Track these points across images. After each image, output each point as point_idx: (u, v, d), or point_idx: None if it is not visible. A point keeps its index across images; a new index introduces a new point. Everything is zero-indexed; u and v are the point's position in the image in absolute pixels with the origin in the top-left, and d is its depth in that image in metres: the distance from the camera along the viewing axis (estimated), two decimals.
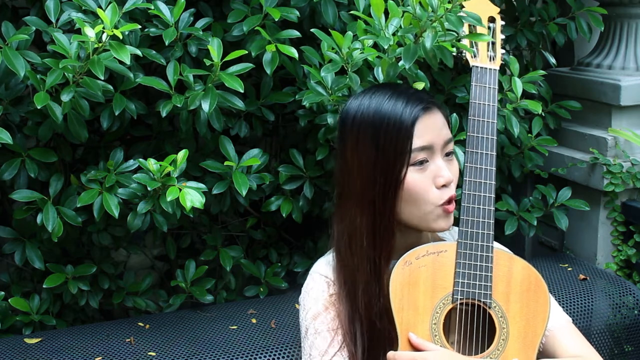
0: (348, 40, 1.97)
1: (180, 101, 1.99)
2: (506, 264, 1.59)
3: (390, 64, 1.94)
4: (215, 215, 2.46)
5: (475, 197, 1.57)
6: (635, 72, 2.81)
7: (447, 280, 1.55)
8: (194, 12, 2.11)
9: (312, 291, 1.67)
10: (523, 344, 1.55)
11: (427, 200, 1.59)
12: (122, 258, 2.56)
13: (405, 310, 1.53)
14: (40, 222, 2.01)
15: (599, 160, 2.65)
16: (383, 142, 1.57)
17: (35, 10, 2.11)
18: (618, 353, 2.41)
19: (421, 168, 1.58)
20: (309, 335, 1.63)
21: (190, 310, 2.31)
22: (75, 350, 2.02)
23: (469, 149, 1.60)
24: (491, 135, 1.59)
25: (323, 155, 2.23)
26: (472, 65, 1.64)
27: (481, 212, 1.57)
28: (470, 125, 1.60)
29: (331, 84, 2.06)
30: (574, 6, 2.70)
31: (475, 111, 1.60)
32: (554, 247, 2.92)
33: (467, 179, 1.58)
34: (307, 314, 1.65)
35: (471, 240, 1.56)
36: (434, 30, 1.77)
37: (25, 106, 2.05)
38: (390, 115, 1.57)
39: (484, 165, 1.59)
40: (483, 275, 1.55)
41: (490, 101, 1.61)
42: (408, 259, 1.56)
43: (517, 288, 1.57)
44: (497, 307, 1.55)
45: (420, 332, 1.52)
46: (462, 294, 1.54)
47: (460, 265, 1.55)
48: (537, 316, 1.57)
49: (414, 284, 1.54)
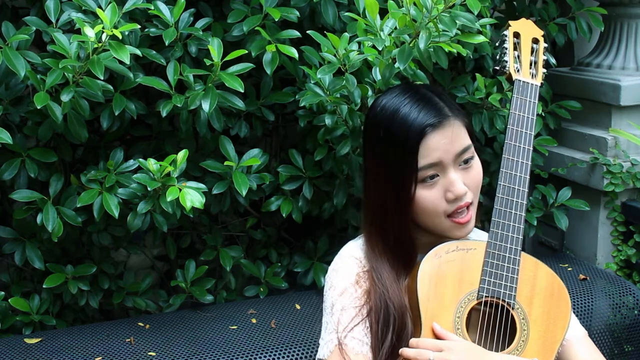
0: (344, 41, 1.98)
1: (181, 101, 1.99)
2: (532, 269, 1.64)
3: (386, 65, 1.94)
4: (215, 215, 2.46)
5: (508, 202, 1.63)
6: (635, 72, 2.81)
7: (474, 277, 1.59)
8: (194, 12, 2.11)
9: (340, 269, 1.69)
10: (542, 347, 1.58)
11: (438, 212, 1.62)
12: (122, 258, 2.56)
13: (432, 300, 1.57)
14: (40, 222, 2.01)
15: (599, 160, 2.65)
16: (393, 158, 1.61)
17: (35, 10, 2.11)
18: (618, 353, 2.41)
19: (431, 184, 1.61)
20: (335, 311, 1.64)
21: (190, 310, 2.31)
22: (75, 350, 2.02)
23: (506, 155, 1.65)
24: (528, 146, 1.66)
25: (322, 156, 2.23)
26: (515, 78, 1.71)
27: (512, 216, 1.62)
28: (508, 133, 1.67)
29: (328, 85, 2.06)
30: (574, 6, 2.70)
31: (515, 121, 1.67)
32: (554, 247, 2.92)
33: (502, 183, 1.63)
34: (335, 290, 1.67)
35: (501, 242, 1.61)
36: (427, 31, 1.78)
37: (25, 106, 2.05)
38: (400, 129, 1.60)
39: (518, 172, 1.65)
40: (509, 277, 1.59)
41: (529, 114, 1.68)
42: (438, 252, 1.61)
43: (540, 293, 1.62)
44: (520, 309, 1.59)
45: (443, 324, 1.55)
46: (487, 291, 1.58)
47: (488, 264, 1.59)
48: (558, 323, 1.61)
49: (442, 277, 1.59)
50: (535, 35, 1.79)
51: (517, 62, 1.75)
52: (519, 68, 1.74)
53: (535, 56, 1.77)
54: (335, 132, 2.17)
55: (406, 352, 1.52)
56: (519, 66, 1.74)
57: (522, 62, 1.75)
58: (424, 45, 1.80)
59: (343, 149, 2.17)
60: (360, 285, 1.65)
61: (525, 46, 1.77)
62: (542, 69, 1.76)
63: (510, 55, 1.75)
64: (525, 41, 1.78)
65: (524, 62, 1.75)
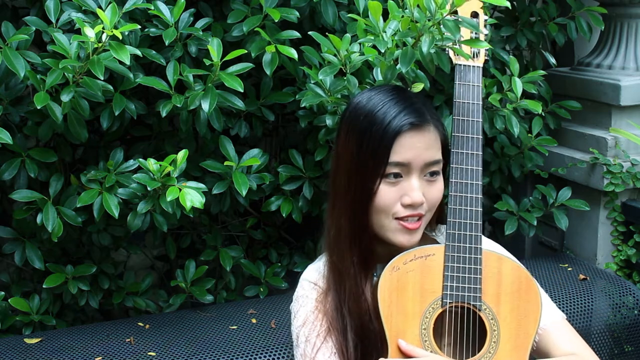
0: (346, 42, 1.97)
1: (180, 101, 1.99)
2: (495, 264, 1.56)
3: (388, 67, 1.94)
4: (215, 215, 2.46)
5: (462, 199, 1.54)
6: (635, 72, 2.80)
7: (436, 284, 1.52)
8: (194, 12, 2.11)
9: (300, 298, 1.67)
10: (515, 345, 1.53)
11: (389, 212, 1.57)
12: (122, 258, 2.56)
13: (395, 316, 1.51)
14: (40, 222, 2.01)
15: (599, 160, 2.65)
16: (365, 148, 1.55)
17: (35, 10, 2.11)
18: (618, 353, 2.41)
19: (393, 182, 1.55)
20: (300, 343, 1.62)
21: (190, 310, 2.31)
22: (75, 350, 2.03)
23: (454, 149, 1.55)
24: (477, 135, 1.55)
25: (322, 156, 2.23)
26: (455, 63, 1.60)
27: (468, 213, 1.53)
28: (454, 125, 1.56)
29: (329, 85, 2.06)
30: (574, 6, 2.70)
31: (460, 110, 1.56)
32: (554, 247, 2.92)
33: (453, 180, 1.54)
34: (297, 321, 1.65)
35: (459, 243, 1.52)
36: (431, 35, 1.75)
37: (25, 106, 2.05)
38: (378, 122, 1.55)
39: (469, 165, 1.55)
40: (472, 278, 1.52)
41: (474, 99, 1.56)
42: (396, 265, 1.53)
43: (507, 289, 1.55)
44: (488, 309, 1.54)
45: (409, 338, 1.50)
46: (451, 297, 1.51)
47: (449, 268, 1.52)
48: (529, 316, 1.55)
49: (402, 290, 1.52)
50: (473, 9, 1.65)
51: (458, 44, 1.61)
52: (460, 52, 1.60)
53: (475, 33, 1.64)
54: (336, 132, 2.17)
55: None
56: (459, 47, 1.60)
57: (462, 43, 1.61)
58: (427, 48, 1.78)
59: None
60: (319, 310, 1.62)
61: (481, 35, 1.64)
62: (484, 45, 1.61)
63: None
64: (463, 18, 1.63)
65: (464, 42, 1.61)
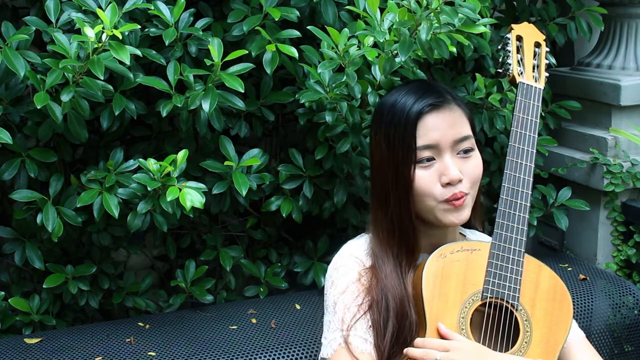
0: (345, 36, 1.98)
1: (181, 101, 1.99)
2: (535, 270, 1.65)
3: (386, 59, 1.94)
4: (215, 215, 2.46)
5: (512, 204, 1.65)
6: (635, 72, 2.81)
7: (478, 277, 1.60)
8: (194, 12, 2.11)
9: (341, 267, 1.70)
10: (545, 349, 1.59)
11: (431, 196, 1.63)
12: (122, 258, 2.56)
13: (436, 300, 1.58)
14: (40, 222, 2.01)
15: (599, 160, 2.65)
16: (393, 139, 1.63)
17: (35, 10, 2.11)
18: (618, 353, 2.41)
19: (427, 165, 1.63)
20: (338, 309, 1.65)
21: (190, 310, 2.31)
22: (75, 350, 2.02)
23: (510, 157, 1.67)
24: (531, 148, 1.68)
25: (322, 155, 2.23)
26: (519, 81, 1.73)
27: (516, 218, 1.64)
28: (513, 136, 1.69)
29: (328, 81, 2.06)
30: (574, 6, 2.70)
31: (519, 123, 1.69)
32: (554, 247, 2.92)
33: (506, 185, 1.65)
34: (336, 288, 1.67)
35: (504, 243, 1.62)
36: (429, 22, 1.80)
37: (25, 106, 2.05)
38: (399, 111, 1.64)
39: (522, 175, 1.67)
40: (513, 278, 1.61)
41: (533, 116, 1.70)
42: (443, 252, 1.62)
43: (543, 295, 1.63)
44: (523, 311, 1.61)
45: (448, 323, 1.56)
46: (491, 292, 1.59)
47: (492, 265, 1.61)
48: (560, 325, 1.62)
49: (447, 277, 1.60)
50: (537, 39, 1.81)
51: (520, 65, 1.76)
52: (522, 71, 1.76)
53: (537, 60, 1.79)
54: (335, 129, 2.17)
55: (412, 352, 1.52)
56: (522, 69, 1.76)
57: (525, 65, 1.77)
58: (426, 35, 1.82)
59: (343, 147, 2.17)
60: (362, 283, 1.66)
61: (527, 50, 1.79)
62: (544, 72, 1.78)
63: (514, 58, 1.77)
64: (527, 45, 1.80)
65: (527, 65, 1.77)
